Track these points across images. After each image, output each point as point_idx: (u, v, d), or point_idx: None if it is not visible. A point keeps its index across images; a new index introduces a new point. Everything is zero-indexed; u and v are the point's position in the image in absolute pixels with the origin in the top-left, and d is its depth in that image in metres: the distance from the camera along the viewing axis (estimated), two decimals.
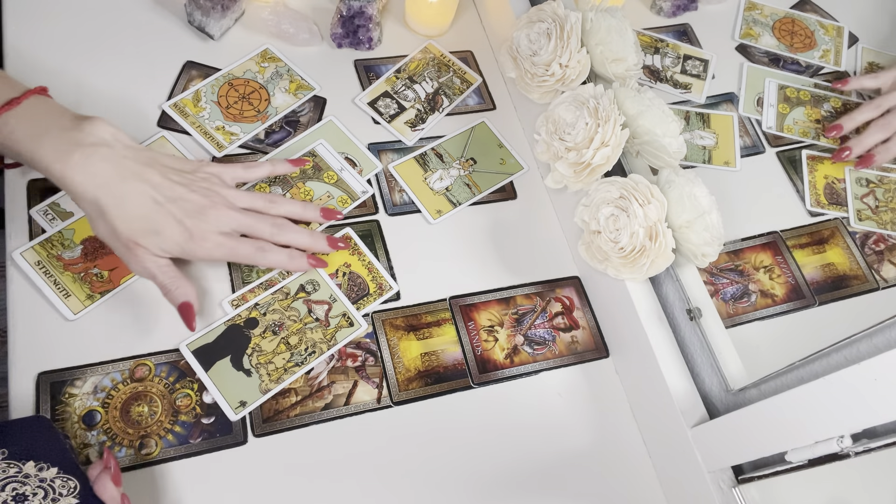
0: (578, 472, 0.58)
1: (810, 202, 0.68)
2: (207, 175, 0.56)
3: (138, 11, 0.71)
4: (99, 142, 0.50)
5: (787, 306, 0.62)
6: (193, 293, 0.53)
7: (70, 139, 0.49)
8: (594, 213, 0.59)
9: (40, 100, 0.52)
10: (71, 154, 0.49)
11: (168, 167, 0.54)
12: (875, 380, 0.38)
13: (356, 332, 0.58)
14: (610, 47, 0.64)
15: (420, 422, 0.57)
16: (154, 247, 0.51)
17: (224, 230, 0.54)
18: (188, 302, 0.52)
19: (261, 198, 0.58)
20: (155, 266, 0.52)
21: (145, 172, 0.51)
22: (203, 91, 0.67)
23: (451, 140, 0.71)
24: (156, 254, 0.51)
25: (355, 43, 0.74)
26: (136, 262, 0.51)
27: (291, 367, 0.56)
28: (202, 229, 0.52)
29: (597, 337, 0.64)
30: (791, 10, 0.83)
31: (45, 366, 0.52)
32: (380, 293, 0.61)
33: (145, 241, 0.51)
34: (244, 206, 0.56)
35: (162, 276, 0.52)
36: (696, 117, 0.73)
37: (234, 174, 0.58)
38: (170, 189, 0.52)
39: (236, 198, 0.56)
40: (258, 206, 0.57)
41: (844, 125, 0.70)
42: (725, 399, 0.55)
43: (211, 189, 0.55)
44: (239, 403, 0.53)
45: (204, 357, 0.54)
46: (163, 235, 0.51)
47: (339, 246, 0.60)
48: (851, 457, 0.41)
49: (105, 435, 0.50)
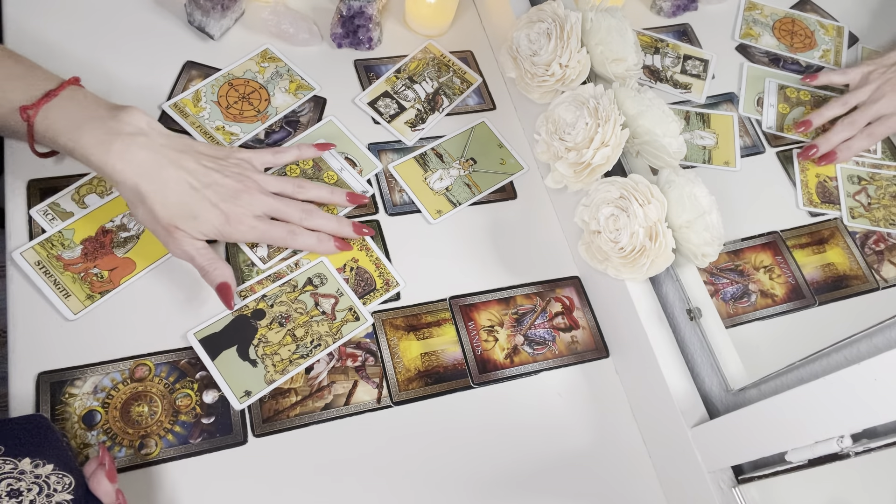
0: (578, 472, 0.58)
1: (802, 201, 0.68)
2: (239, 161, 0.58)
3: (138, 11, 0.71)
4: (137, 131, 0.52)
5: (787, 306, 0.62)
6: (231, 274, 0.55)
7: (109, 129, 0.51)
8: (594, 213, 0.59)
9: (76, 90, 0.54)
10: (111, 143, 0.50)
11: (202, 153, 0.56)
12: (875, 380, 0.38)
13: (362, 326, 0.58)
14: (610, 47, 0.64)
15: (420, 422, 0.57)
16: (193, 230, 0.53)
17: (257, 213, 0.56)
18: (226, 282, 0.54)
19: (290, 182, 0.60)
20: (193, 249, 0.53)
21: (182, 159, 0.53)
22: (203, 91, 0.67)
23: (451, 140, 0.71)
24: (194, 237, 0.53)
25: (355, 43, 0.74)
26: (175, 245, 0.53)
27: (297, 358, 0.56)
28: (237, 213, 0.54)
29: (597, 337, 0.64)
30: (791, 10, 0.83)
31: (45, 366, 0.52)
32: (386, 289, 0.61)
33: (184, 225, 0.53)
34: (274, 190, 0.58)
35: (200, 258, 0.54)
36: (696, 117, 0.73)
37: (264, 159, 0.61)
38: (205, 175, 0.54)
39: (267, 182, 0.58)
40: (287, 190, 0.59)
41: (813, 121, 0.71)
42: (725, 399, 0.55)
43: (243, 174, 0.57)
44: (244, 393, 0.54)
45: (211, 346, 0.55)
46: (201, 219, 0.53)
47: (364, 232, 0.61)
48: (851, 457, 0.41)
49: (105, 435, 0.50)
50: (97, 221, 0.58)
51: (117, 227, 0.58)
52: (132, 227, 0.59)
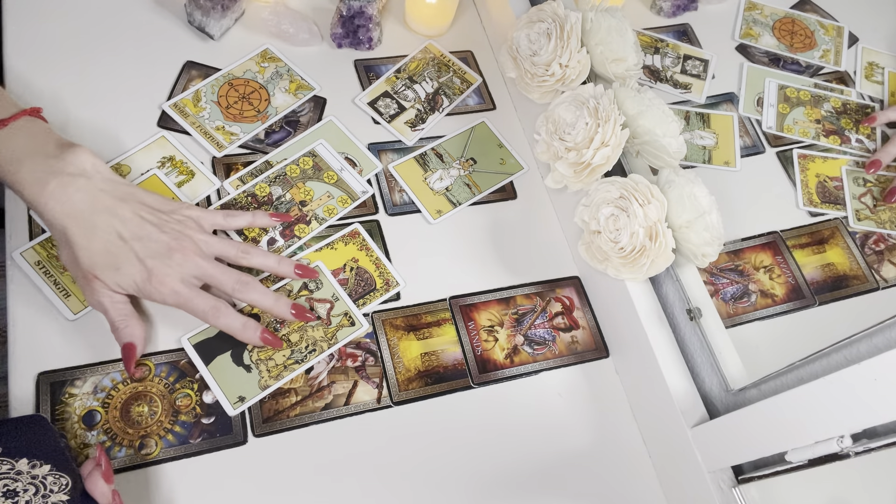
0: (578, 472, 0.58)
1: (802, 201, 0.68)
2: (184, 218, 0.54)
3: (138, 11, 0.71)
4: (78, 172, 0.50)
5: (787, 306, 0.62)
6: (141, 336, 0.52)
7: (49, 167, 0.50)
8: (594, 213, 0.59)
9: (29, 122, 0.52)
10: (48, 182, 0.49)
11: (144, 204, 0.53)
12: (875, 380, 0.38)
13: (357, 331, 0.58)
14: (610, 47, 0.64)
15: (420, 422, 0.57)
16: (111, 282, 0.50)
17: (185, 276, 0.52)
18: (132, 343, 0.51)
19: (234, 247, 0.55)
20: (109, 301, 0.51)
21: (118, 207, 0.51)
22: (203, 91, 0.67)
23: (451, 140, 0.71)
24: (112, 289, 0.51)
25: (355, 43, 0.74)
26: (91, 294, 0.51)
27: (291, 364, 0.56)
28: (162, 272, 0.51)
29: (597, 337, 0.64)
30: (791, 10, 0.83)
31: (45, 366, 0.52)
32: (386, 289, 0.61)
33: (103, 276, 0.50)
34: (215, 253, 0.54)
35: (114, 312, 0.51)
36: (696, 117, 0.73)
37: (214, 220, 0.57)
38: (139, 227, 0.51)
39: (208, 244, 0.54)
40: (230, 255, 0.55)
41: (882, 160, 0.70)
42: (725, 399, 0.55)
43: (183, 233, 0.53)
44: (238, 399, 0.53)
45: (205, 351, 0.55)
46: (122, 272, 0.50)
47: (307, 317, 0.56)
48: (851, 457, 0.41)
49: (105, 435, 0.50)
50: None
51: None
52: None
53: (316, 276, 0.59)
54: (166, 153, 0.63)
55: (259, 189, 0.63)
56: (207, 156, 0.64)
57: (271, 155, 0.66)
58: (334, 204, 0.64)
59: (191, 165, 0.63)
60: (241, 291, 0.54)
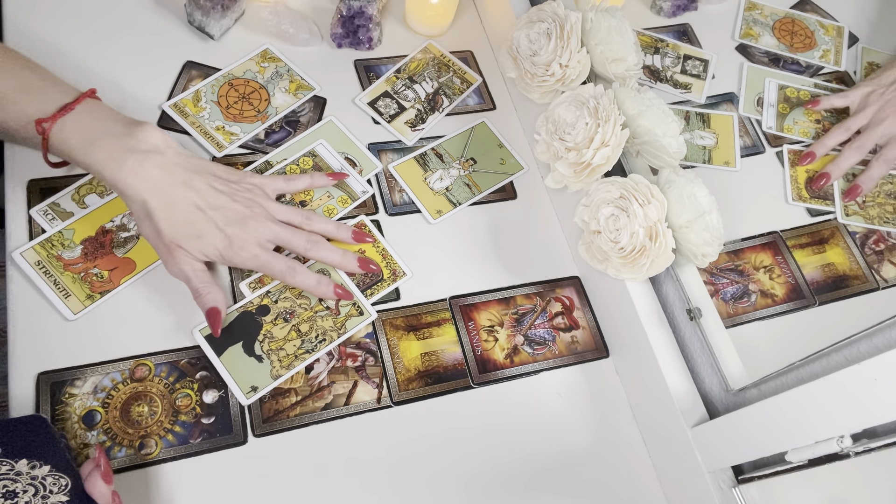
0: (578, 471, 0.58)
1: (792, 196, 0.68)
2: (251, 186, 0.58)
3: (138, 11, 0.71)
4: (151, 148, 0.52)
5: (787, 306, 0.62)
6: (223, 300, 0.54)
7: (124, 145, 0.52)
8: (594, 213, 0.59)
9: (92, 103, 0.54)
10: (125, 160, 0.51)
11: (215, 175, 0.56)
12: (875, 380, 0.38)
13: (366, 320, 0.59)
14: (610, 47, 0.64)
15: (420, 422, 0.57)
16: (194, 250, 0.53)
17: (262, 241, 0.55)
18: (217, 308, 0.54)
19: (299, 213, 0.59)
20: (191, 269, 0.53)
21: (193, 180, 0.53)
22: (203, 91, 0.67)
23: (451, 140, 0.71)
24: (195, 257, 0.53)
25: (355, 43, 0.74)
26: (173, 263, 0.53)
27: (302, 353, 0.56)
28: (241, 238, 0.54)
29: (597, 337, 0.64)
30: (791, 10, 0.83)
31: (45, 366, 0.52)
32: (394, 279, 0.61)
33: (187, 244, 0.52)
34: (282, 219, 0.58)
35: (196, 279, 0.53)
36: (696, 117, 0.73)
37: (276, 186, 0.60)
38: (214, 197, 0.54)
39: (276, 210, 0.58)
40: (296, 220, 0.59)
41: (816, 152, 0.70)
42: (725, 399, 0.55)
43: (253, 200, 0.56)
44: (250, 388, 0.54)
45: (216, 342, 0.55)
46: (204, 240, 0.53)
47: (371, 268, 0.60)
48: (851, 457, 0.41)
49: (105, 435, 0.50)
50: (97, 221, 0.58)
51: (117, 227, 0.58)
52: (132, 227, 0.59)
53: (371, 240, 0.62)
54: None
55: None
56: (207, 156, 0.64)
57: (271, 155, 0.66)
58: (334, 204, 0.64)
59: None
60: (313, 250, 0.58)
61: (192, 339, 0.55)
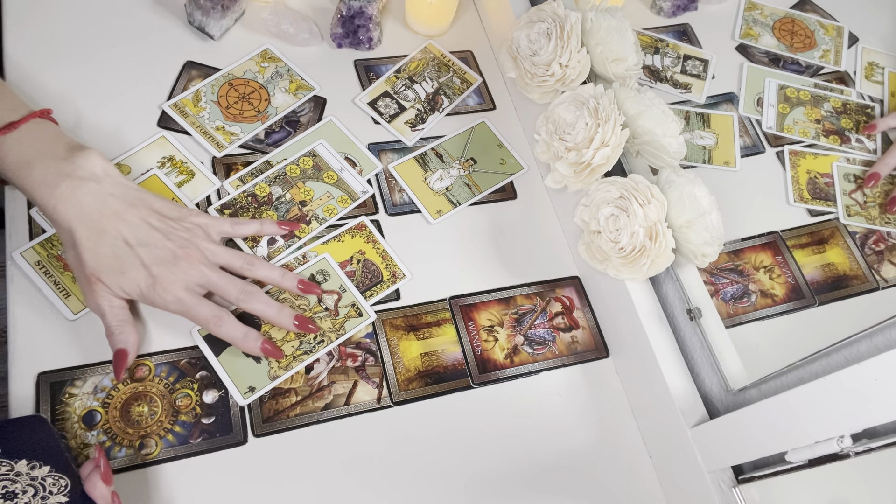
0: (578, 471, 0.58)
1: (793, 197, 0.68)
2: (192, 226, 0.54)
3: (138, 11, 0.71)
4: (88, 176, 0.51)
5: (787, 306, 0.62)
6: (135, 342, 0.52)
7: (59, 170, 0.50)
8: (594, 213, 0.59)
9: (40, 124, 0.52)
10: (57, 185, 0.49)
11: (153, 210, 0.53)
12: (875, 380, 0.38)
13: (365, 322, 0.58)
14: (610, 47, 0.64)
15: (420, 422, 0.57)
16: (114, 286, 0.50)
17: (190, 284, 0.52)
18: (125, 350, 0.51)
19: (239, 258, 0.55)
20: (108, 305, 0.51)
21: (126, 212, 0.51)
22: (203, 91, 0.67)
23: (451, 140, 0.71)
24: (114, 293, 0.51)
25: (355, 43, 0.74)
26: (91, 297, 0.51)
27: (300, 354, 0.56)
28: (167, 279, 0.51)
29: (597, 337, 0.64)
30: (791, 10, 0.83)
31: (45, 366, 0.52)
32: (393, 280, 0.61)
33: (107, 279, 0.50)
34: (222, 262, 0.54)
35: (111, 316, 0.51)
36: (696, 117, 0.73)
37: (221, 228, 0.57)
38: (146, 233, 0.51)
39: (215, 253, 0.54)
40: (235, 265, 0.55)
41: (881, 172, 0.69)
42: (725, 399, 0.55)
43: (190, 241, 0.53)
44: (248, 389, 0.54)
45: (214, 342, 0.55)
46: (126, 277, 0.50)
47: (310, 328, 0.56)
48: (851, 457, 0.41)
49: (105, 435, 0.50)
50: None
51: None
52: None
53: (318, 293, 0.58)
54: (166, 153, 0.63)
55: (259, 189, 0.63)
56: (207, 156, 0.64)
57: (271, 155, 0.66)
58: (334, 204, 0.64)
59: (191, 165, 0.63)
60: (245, 301, 0.54)
61: (191, 339, 0.55)
